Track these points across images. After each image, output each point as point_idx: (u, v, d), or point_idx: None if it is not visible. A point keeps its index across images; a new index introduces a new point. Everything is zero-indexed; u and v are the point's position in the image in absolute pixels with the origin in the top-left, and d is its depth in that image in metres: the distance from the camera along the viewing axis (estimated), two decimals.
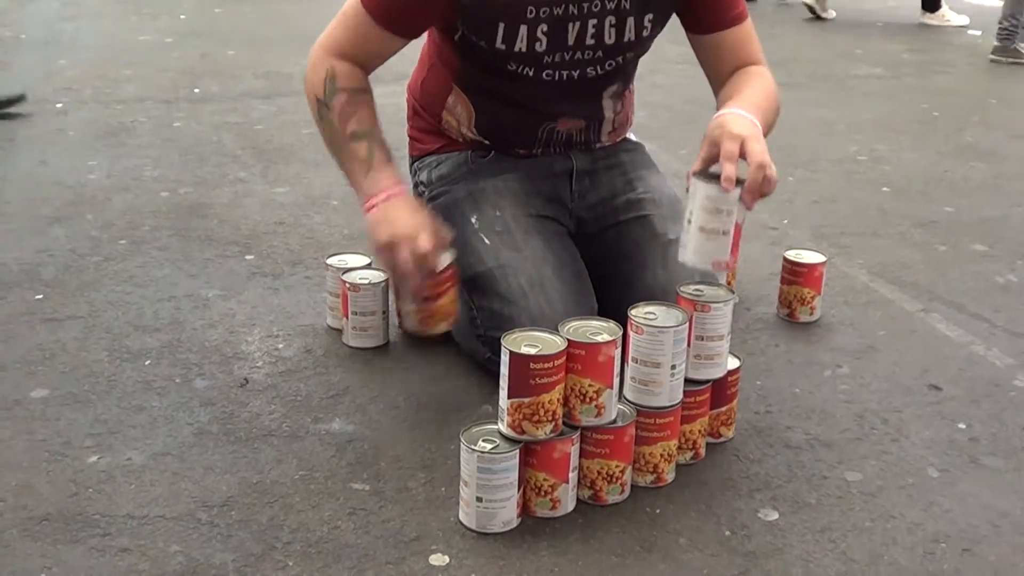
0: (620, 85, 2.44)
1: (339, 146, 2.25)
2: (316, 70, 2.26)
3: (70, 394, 2.28)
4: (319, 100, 2.25)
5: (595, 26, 2.23)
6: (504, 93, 2.34)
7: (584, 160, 2.47)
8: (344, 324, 2.50)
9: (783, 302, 2.71)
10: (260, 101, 4.64)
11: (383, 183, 2.20)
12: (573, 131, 2.42)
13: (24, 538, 1.83)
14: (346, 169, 2.27)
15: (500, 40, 2.20)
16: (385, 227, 2.14)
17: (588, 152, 2.47)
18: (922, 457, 2.13)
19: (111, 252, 3.01)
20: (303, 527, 1.87)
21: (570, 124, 2.41)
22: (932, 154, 4.07)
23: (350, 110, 2.22)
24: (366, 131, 2.22)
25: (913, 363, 2.49)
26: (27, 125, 4.24)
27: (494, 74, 2.28)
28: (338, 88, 2.22)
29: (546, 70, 2.26)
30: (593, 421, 1.89)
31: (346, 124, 2.22)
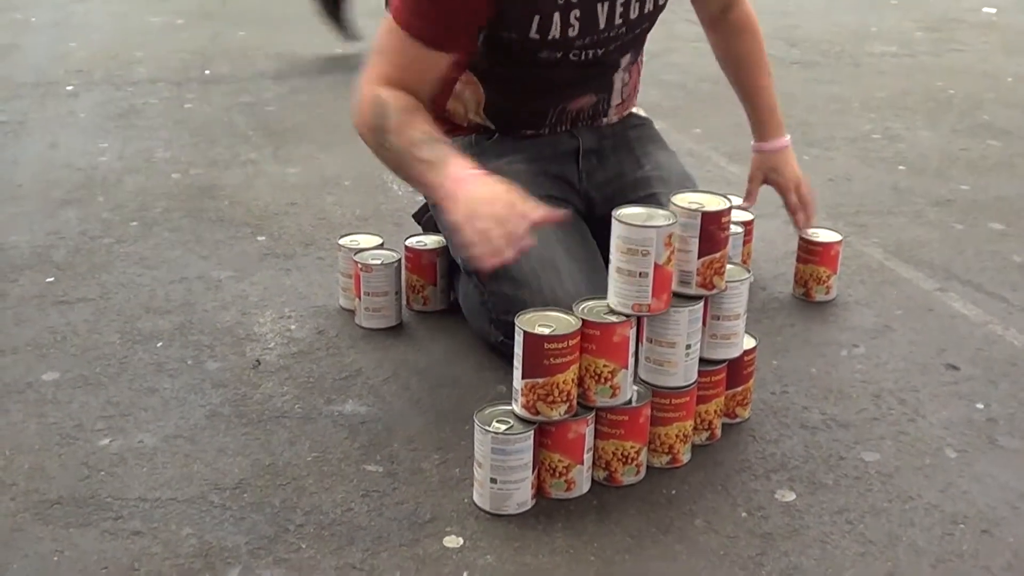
0: (633, 55, 2.42)
1: (406, 163, 2.12)
2: (364, 104, 2.16)
3: (81, 376, 2.27)
4: (374, 128, 2.15)
5: (623, 4, 2.21)
6: (521, 78, 2.31)
7: (590, 139, 2.45)
8: (357, 305, 2.49)
9: (799, 281, 2.69)
10: (271, 82, 4.62)
11: (456, 172, 2.04)
12: (584, 108, 2.40)
13: (36, 522, 1.83)
14: (420, 181, 2.13)
15: (535, 30, 2.18)
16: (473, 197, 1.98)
17: (594, 130, 2.46)
18: (940, 437, 2.11)
19: (122, 234, 3.00)
20: (316, 509, 1.86)
21: (582, 102, 2.39)
22: (947, 132, 4.04)
23: (409, 124, 2.11)
24: (427, 137, 2.10)
25: (930, 343, 2.47)
26: (38, 108, 4.23)
27: (515, 62, 2.25)
28: (391, 110, 2.13)
29: (573, 52, 2.24)
30: (608, 402, 1.87)
31: (408, 136, 2.10)
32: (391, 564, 1.73)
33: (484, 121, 2.41)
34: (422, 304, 2.57)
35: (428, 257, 2.54)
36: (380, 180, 3.40)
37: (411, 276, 2.57)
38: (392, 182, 3.36)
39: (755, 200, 2.68)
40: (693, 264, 1.92)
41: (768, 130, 2.70)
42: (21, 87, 4.52)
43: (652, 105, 3.92)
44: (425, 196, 2.22)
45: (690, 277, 1.93)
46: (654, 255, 1.83)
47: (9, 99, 4.34)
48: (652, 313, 1.87)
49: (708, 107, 4.16)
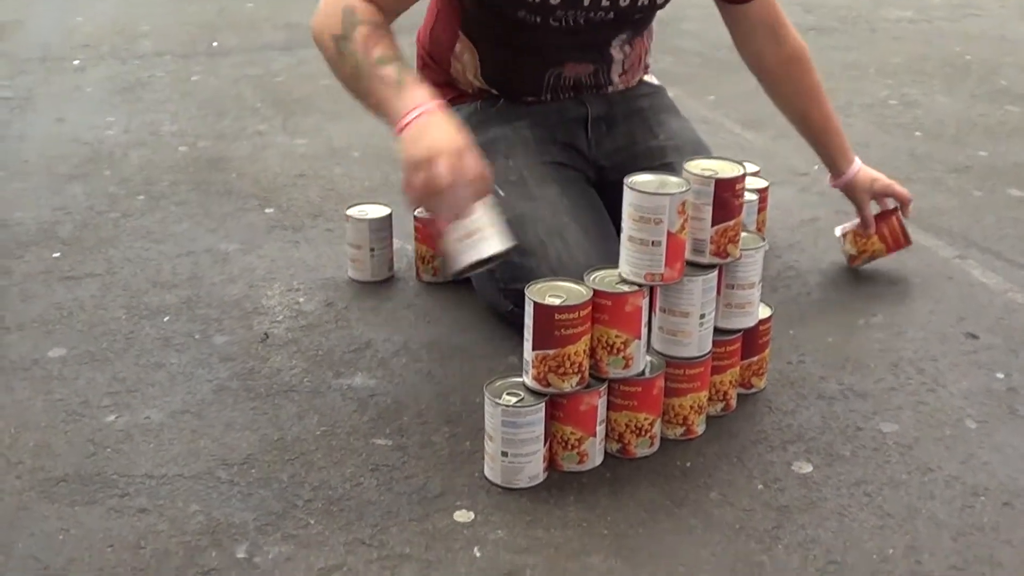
0: (629, 34, 2.37)
1: (365, 74, 1.99)
2: (330, 10, 2.07)
3: (88, 353, 2.24)
4: (336, 36, 2.02)
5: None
6: (509, 39, 2.27)
7: (599, 105, 2.41)
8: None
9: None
10: (279, 53, 4.58)
11: (417, 99, 1.94)
12: (581, 75, 2.36)
13: (42, 500, 1.80)
14: (375, 99, 1.99)
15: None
16: (422, 142, 1.88)
17: (602, 97, 2.41)
18: (959, 408, 2.07)
19: (129, 208, 2.96)
20: (325, 484, 1.83)
21: (577, 69, 2.35)
22: (965, 98, 3.98)
23: (374, 40, 2.01)
24: (393, 56, 2.00)
25: (949, 311, 2.43)
26: (45, 83, 4.19)
27: (501, 20, 2.21)
28: (359, 21, 2.03)
29: (553, 18, 2.20)
30: (621, 373, 1.83)
31: (371, 52, 1.99)
32: (401, 539, 1.70)
33: (484, 85, 2.37)
34: (432, 275, 2.54)
35: (438, 227, 2.50)
36: (388, 150, 3.34)
37: (420, 246, 2.53)
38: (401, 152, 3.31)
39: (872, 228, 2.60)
40: (707, 232, 1.88)
41: (848, 156, 2.59)
42: (27, 62, 4.48)
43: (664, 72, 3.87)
44: (377, 116, 2.04)
45: (704, 245, 1.89)
46: (667, 223, 1.79)
47: (15, 75, 4.31)
48: (665, 283, 1.84)
49: (722, 73, 4.11)
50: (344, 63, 2.02)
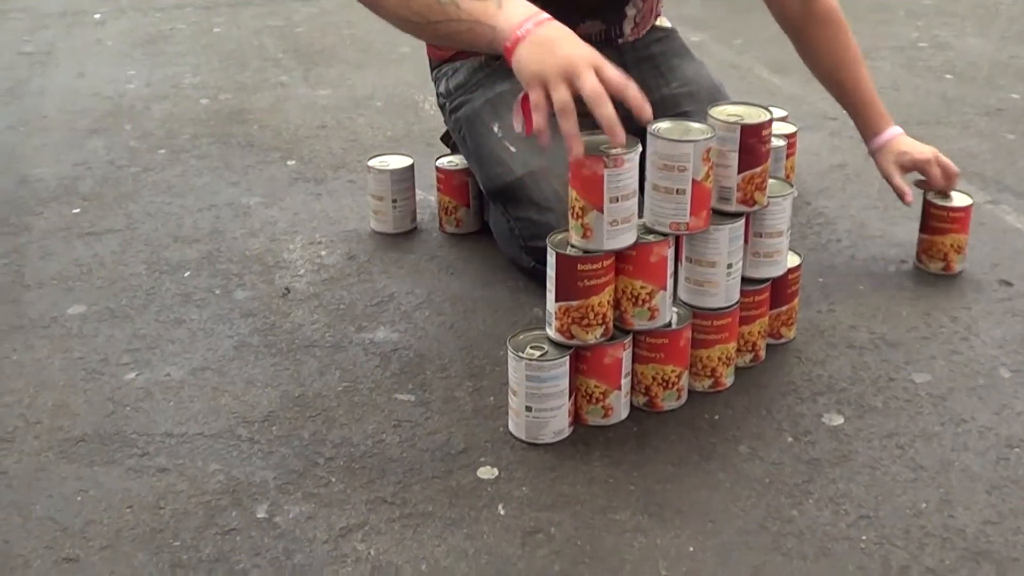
0: None
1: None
2: None
3: (107, 309, 2.22)
4: None
5: None
6: None
7: (608, 55, 2.35)
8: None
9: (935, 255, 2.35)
10: (301, 3, 4.54)
11: (526, 9, 1.77)
12: (591, 33, 2.30)
13: (60, 460, 1.78)
14: (466, 20, 1.80)
15: None
16: (554, 53, 1.70)
17: (612, 48, 2.35)
18: (993, 357, 2.03)
19: (150, 162, 2.94)
20: (346, 441, 1.80)
21: (587, 28, 2.29)
22: (996, 39, 3.91)
23: None
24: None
25: (982, 258, 2.38)
26: (65, 37, 4.17)
27: None
28: None
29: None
30: (646, 324, 1.80)
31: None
32: (423, 497, 1.67)
33: None
34: (455, 226, 2.50)
35: (459, 178, 2.47)
36: (411, 100, 3.33)
37: (443, 197, 2.50)
38: (424, 101, 3.28)
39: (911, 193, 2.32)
40: (733, 180, 1.84)
41: (881, 123, 2.39)
42: (48, 17, 4.46)
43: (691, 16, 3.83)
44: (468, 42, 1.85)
45: (730, 193, 1.85)
46: (691, 171, 1.74)
47: (36, 29, 4.28)
48: (691, 232, 1.79)
49: (749, 17, 4.03)
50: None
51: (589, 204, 1.70)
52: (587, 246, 1.73)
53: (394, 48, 3.82)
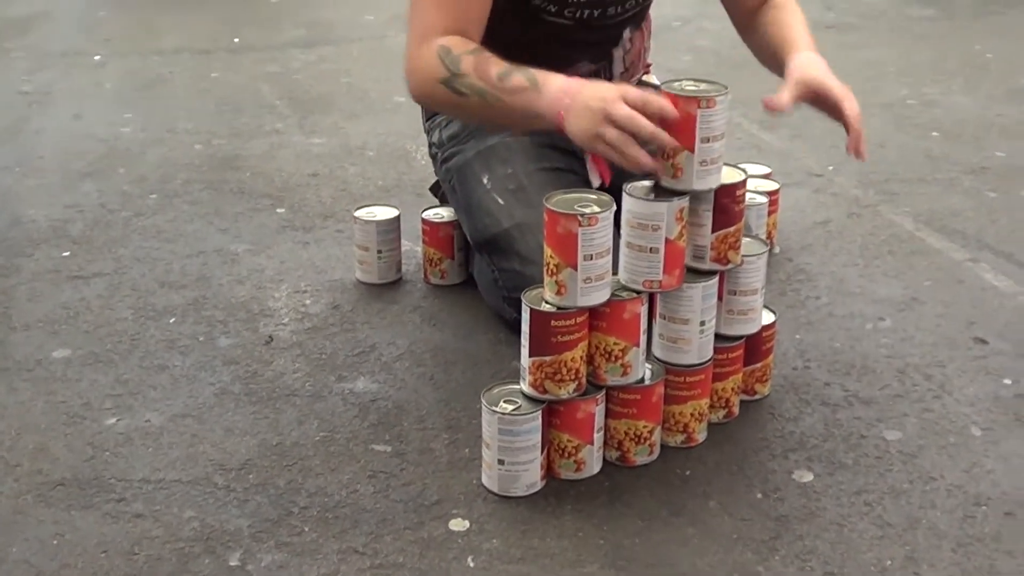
0: (633, 27, 2.36)
1: (494, 97, 1.96)
2: (424, 59, 2.03)
3: (92, 354, 2.24)
4: (445, 79, 2.00)
5: None
6: (516, 40, 2.25)
7: None
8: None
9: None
10: (300, 51, 4.58)
11: (559, 83, 1.91)
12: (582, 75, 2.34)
13: (38, 504, 1.81)
14: (518, 111, 1.96)
15: None
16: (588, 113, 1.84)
17: None
18: (965, 415, 2.05)
19: (141, 207, 2.97)
20: (321, 491, 1.83)
21: (581, 70, 2.33)
22: (984, 98, 3.94)
23: (484, 64, 1.98)
24: (510, 67, 1.96)
25: (959, 315, 2.41)
26: (64, 78, 4.20)
27: (510, 18, 2.19)
28: (460, 55, 2.00)
29: (569, 8, 2.19)
30: (619, 380, 1.82)
31: (489, 74, 1.96)
32: (394, 548, 1.70)
33: None
34: (440, 277, 2.53)
35: (445, 230, 2.50)
36: (404, 150, 3.36)
37: (428, 249, 2.53)
38: (416, 151, 3.31)
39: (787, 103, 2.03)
40: (707, 238, 1.87)
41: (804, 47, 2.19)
42: (49, 56, 4.50)
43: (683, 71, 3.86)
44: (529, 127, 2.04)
45: (704, 252, 1.88)
46: (665, 230, 1.78)
47: (37, 69, 4.32)
48: (664, 290, 1.83)
49: (740, 73, 4.06)
50: (467, 99, 2.00)
51: (563, 262, 1.73)
52: (561, 303, 1.76)
53: (389, 98, 3.86)
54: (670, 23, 4.64)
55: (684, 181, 1.79)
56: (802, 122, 3.54)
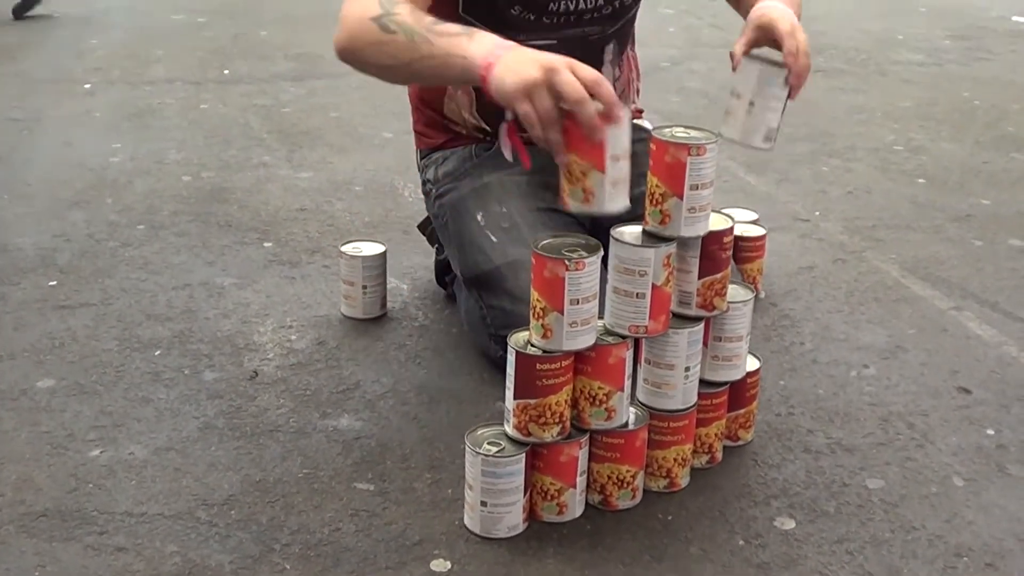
0: (617, 47, 2.38)
1: (422, 38, 1.87)
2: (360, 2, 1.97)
3: (77, 384, 2.24)
4: (376, 16, 1.92)
5: None
6: None
7: None
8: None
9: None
10: (290, 83, 4.59)
11: (496, 39, 1.84)
12: None
13: (20, 534, 1.80)
14: (440, 56, 1.86)
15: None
16: (528, 63, 1.75)
17: None
18: (947, 464, 2.06)
19: (128, 237, 2.97)
20: (303, 528, 1.83)
21: None
22: (971, 144, 3.97)
23: (420, 12, 1.93)
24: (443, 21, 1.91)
25: (942, 364, 2.42)
26: (54, 105, 4.21)
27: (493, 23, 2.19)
28: (396, 0, 1.94)
29: (547, 17, 2.22)
30: (603, 424, 1.83)
31: (422, 19, 1.90)
32: None
33: (479, 121, 2.36)
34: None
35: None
36: (391, 186, 3.36)
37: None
38: (403, 188, 3.32)
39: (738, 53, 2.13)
40: (693, 285, 1.88)
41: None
42: (39, 84, 4.51)
43: (672, 112, 3.89)
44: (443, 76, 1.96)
45: (690, 298, 1.89)
46: (652, 276, 1.78)
47: (26, 96, 4.32)
48: (649, 335, 1.83)
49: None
50: (394, 37, 1.91)
51: (550, 305, 1.74)
52: (547, 346, 1.76)
53: (377, 133, 3.87)
54: (659, 64, 4.67)
55: (672, 227, 1.80)
56: (789, 166, 3.58)
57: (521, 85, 1.73)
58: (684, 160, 1.78)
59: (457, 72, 1.87)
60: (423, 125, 2.47)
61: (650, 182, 1.82)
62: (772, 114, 2.13)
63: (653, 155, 1.81)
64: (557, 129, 1.74)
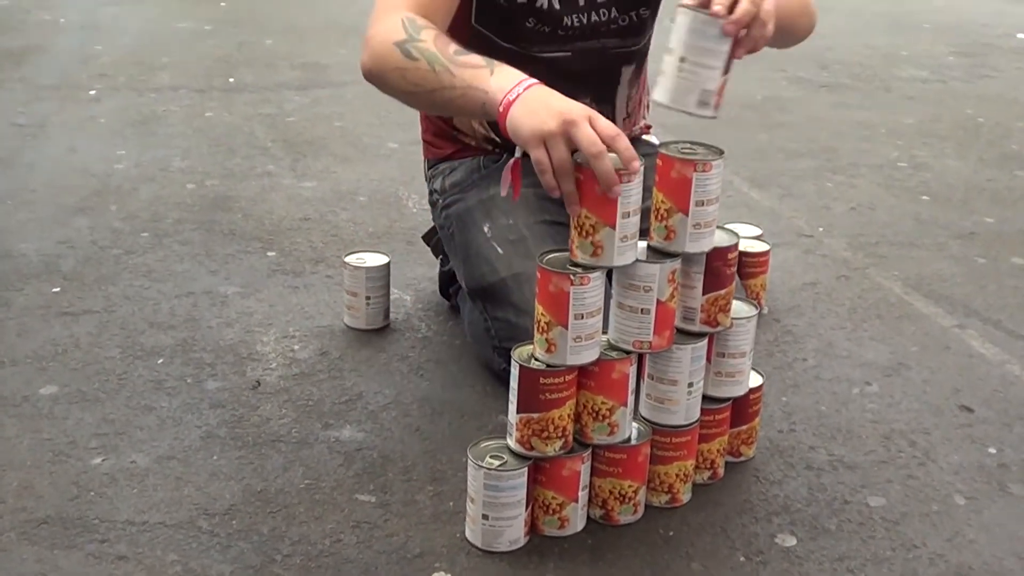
0: (636, 66, 2.38)
1: (444, 67, 1.88)
2: (385, 24, 1.97)
3: (79, 392, 2.24)
4: (401, 41, 1.93)
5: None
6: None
7: None
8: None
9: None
10: (295, 92, 4.59)
11: (517, 74, 1.83)
12: None
13: (22, 541, 1.80)
14: (461, 87, 1.87)
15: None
16: (547, 110, 1.74)
17: None
18: (949, 483, 2.06)
19: (132, 245, 2.97)
20: (304, 539, 1.82)
21: None
22: (975, 162, 3.97)
23: (444, 39, 1.93)
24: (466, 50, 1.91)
25: (945, 382, 2.42)
26: (59, 111, 4.21)
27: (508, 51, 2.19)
28: (422, 25, 1.94)
29: (562, 30, 2.23)
30: (606, 439, 1.83)
31: (446, 47, 1.90)
32: None
33: (488, 132, 2.36)
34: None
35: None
36: (395, 197, 3.37)
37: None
38: (407, 198, 3.32)
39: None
40: (697, 301, 1.88)
41: None
42: (44, 90, 4.51)
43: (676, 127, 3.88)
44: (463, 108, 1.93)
45: (694, 314, 1.88)
46: (656, 291, 1.78)
47: (31, 102, 4.33)
48: (654, 351, 1.83)
49: (731, 131, 4.11)
50: (416, 64, 1.91)
51: (554, 320, 1.74)
52: (550, 360, 1.76)
53: (382, 143, 3.87)
54: None
55: (677, 243, 1.80)
56: (792, 182, 3.58)
57: (537, 132, 1.73)
58: (690, 176, 1.78)
59: (477, 106, 1.87)
60: (431, 135, 2.47)
61: (655, 197, 1.82)
62: (707, 72, 1.80)
63: (659, 170, 1.81)
64: (570, 180, 1.74)
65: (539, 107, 1.75)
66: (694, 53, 1.79)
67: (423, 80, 1.92)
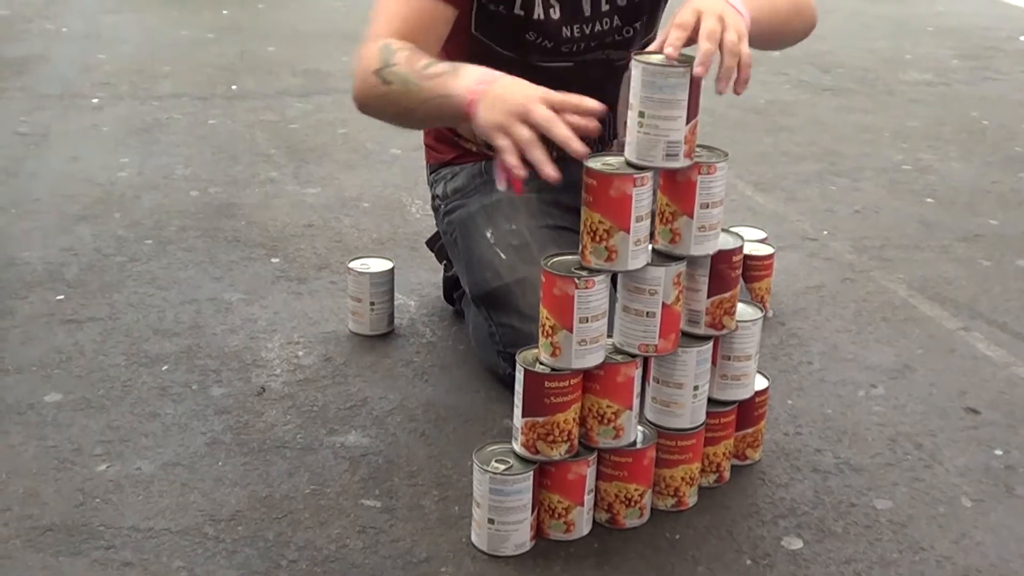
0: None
1: (415, 83, 1.93)
2: (366, 53, 2.03)
3: (84, 399, 2.24)
4: (377, 69, 1.99)
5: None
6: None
7: None
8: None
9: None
10: (297, 99, 4.59)
11: (480, 72, 1.89)
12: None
13: (27, 548, 1.80)
14: (432, 97, 1.92)
15: (519, 5, 2.17)
16: (503, 102, 1.81)
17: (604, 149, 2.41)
18: (955, 485, 2.05)
19: (136, 252, 2.97)
20: (310, 545, 1.82)
21: None
22: (979, 164, 3.97)
23: (417, 56, 1.97)
24: (435, 60, 1.96)
25: (951, 384, 2.42)
26: (62, 120, 4.21)
27: (509, 60, 2.19)
28: (396, 48, 2.00)
29: (564, 44, 2.22)
30: (611, 443, 1.83)
31: (416, 63, 1.95)
32: None
33: None
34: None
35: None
36: (399, 203, 3.36)
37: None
38: (411, 204, 3.32)
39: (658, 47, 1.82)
40: (702, 304, 1.88)
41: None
42: (46, 99, 4.50)
43: None
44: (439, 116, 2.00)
45: (699, 317, 1.88)
46: (662, 295, 1.78)
47: (33, 111, 4.32)
48: (659, 354, 1.83)
49: (735, 135, 4.10)
50: (391, 88, 1.98)
51: (559, 323, 1.74)
52: (555, 364, 1.76)
53: (385, 149, 3.87)
54: None
55: (682, 246, 1.80)
56: (797, 185, 3.58)
57: (495, 125, 1.80)
58: (694, 179, 1.78)
59: (450, 112, 1.91)
60: (433, 139, 2.47)
61: (660, 201, 1.82)
62: (668, 124, 1.74)
63: (664, 174, 1.81)
64: (538, 148, 1.75)
65: (496, 101, 1.82)
66: (651, 107, 1.75)
67: (401, 101, 1.99)
